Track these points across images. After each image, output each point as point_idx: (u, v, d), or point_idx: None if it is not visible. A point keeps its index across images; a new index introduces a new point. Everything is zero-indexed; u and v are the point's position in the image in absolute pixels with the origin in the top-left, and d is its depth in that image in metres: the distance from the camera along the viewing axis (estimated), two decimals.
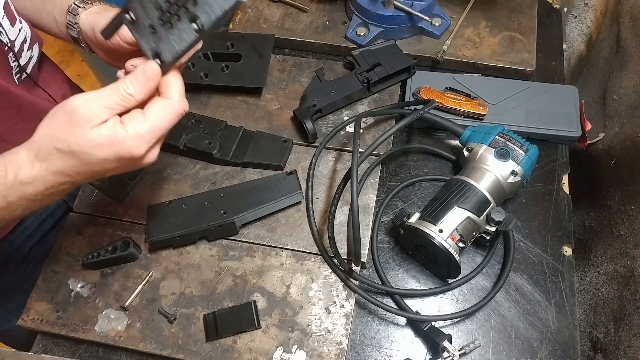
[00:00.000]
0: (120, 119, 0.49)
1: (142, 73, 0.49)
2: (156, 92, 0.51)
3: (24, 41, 0.70)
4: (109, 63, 0.66)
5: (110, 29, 0.55)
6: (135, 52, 0.57)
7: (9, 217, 0.53)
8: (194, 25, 0.49)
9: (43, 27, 0.72)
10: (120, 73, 0.53)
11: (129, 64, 0.52)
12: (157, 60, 0.51)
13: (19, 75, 0.70)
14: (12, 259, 0.81)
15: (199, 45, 0.52)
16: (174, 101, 0.50)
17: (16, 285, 0.83)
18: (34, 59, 0.73)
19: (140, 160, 0.50)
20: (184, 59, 0.53)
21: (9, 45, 0.66)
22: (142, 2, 0.51)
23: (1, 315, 0.87)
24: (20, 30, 0.68)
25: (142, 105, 0.50)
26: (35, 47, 0.73)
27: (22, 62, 0.70)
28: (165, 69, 0.51)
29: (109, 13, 0.60)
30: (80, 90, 0.95)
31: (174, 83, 0.51)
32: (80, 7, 0.64)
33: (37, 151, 0.49)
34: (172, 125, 0.51)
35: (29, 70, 0.72)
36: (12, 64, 0.68)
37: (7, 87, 0.67)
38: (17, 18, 0.68)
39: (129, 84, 0.49)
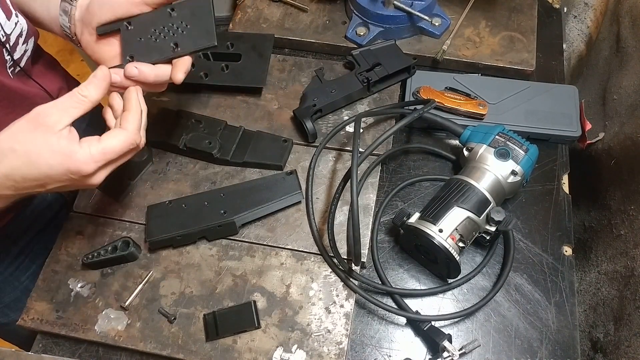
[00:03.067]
0: (79, 139, 0.53)
1: (93, 76, 0.55)
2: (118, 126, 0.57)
3: (20, 35, 0.69)
4: (87, 49, 0.67)
5: (106, 29, 0.63)
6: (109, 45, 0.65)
7: None
8: (172, 47, 0.61)
9: (33, 12, 0.72)
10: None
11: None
12: (129, 59, 0.62)
13: (12, 68, 0.70)
14: (8, 252, 0.81)
15: (168, 71, 0.61)
16: (128, 132, 0.55)
17: (12, 278, 0.83)
18: (29, 53, 0.73)
19: (86, 178, 0.54)
20: (148, 76, 0.60)
21: (4, 39, 0.66)
22: (144, 20, 0.62)
23: None
24: (16, 24, 0.68)
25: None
26: (31, 41, 0.73)
27: (16, 56, 0.70)
28: (129, 64, 0.60)
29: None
30: (78, 84, 0.95)
31: (132, 117, 0.56)
32: None
33: None
34: (124, 154, 0.55)
35: (22, 63, 0.72)
36: (7, 58, 0.67)
37: (0, 80, 0.67)
38: (13, 12, 0.68)
39: (83, 88, 0.54)
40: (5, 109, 0.70)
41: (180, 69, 0.60)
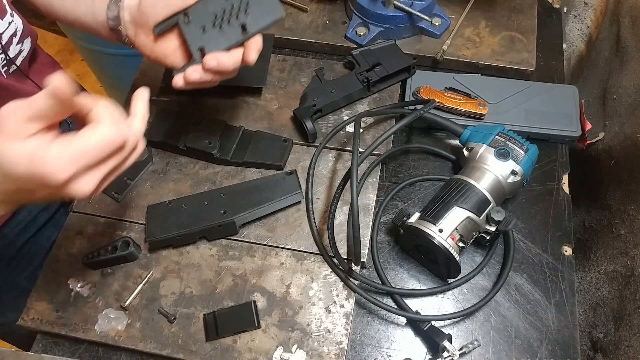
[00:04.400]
0: (49, 140, 0.44)
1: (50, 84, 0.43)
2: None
3: (14, 34, 0.69)
4: (145, 50, 0.64)
5: (164, 27, 0.61)
6: (174, 39, 0.62)
7: None
8: (240, 29, 0.59)
9: (78, 19, 0.70)
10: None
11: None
12: (200, 53, 0.60)
13: (6, 68, 0.69)
14: (5, 252, 0.81)
15: (252, 53, 0.59)
16: (103, 127, 0.45)
17: (9, 279, 0.83)
18: (25, 53, 0.73)
19: (63, 187, 0.45)
20: (228, 65, 0.58)
21: None
22: (200, 8, 0.60)
23: None
24: (10, 23, 0.68)
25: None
26: (27, 41, 0.73)
27: (11, 55, 0.69)
28: (209, 56, 0.58)
29: None
30: (79, 87, 0.95)
31: (102, 112, 0.46)
32: None
33: None
34: (105, 154, 0.46)
35: (18, 63, 0.72)
36: None
37: None
38: (8, 12, 0.67)
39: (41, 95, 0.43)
40: None
41: (252, 49, 0.59)
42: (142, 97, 0.53)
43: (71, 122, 0.89)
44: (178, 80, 0.61)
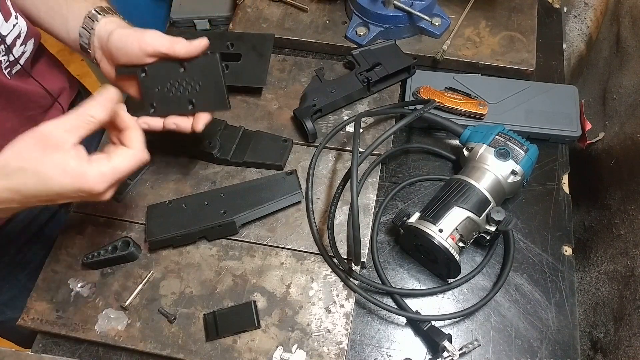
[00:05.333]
0: (88, 157, 0.53)
1: (100, 95, 0.55)
2: (120, 144, 0.58)
3: (18, 36, 0.69)
4: (106, 75, 0.70)
5: (124, 72, 0.65)
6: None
7: None
8: (188, 104, 0.65)
9: (52, 29, 0.73)
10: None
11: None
12: (152, 109, 0.66)
13: (9, 69, 0.70)
14: (7, 250, 0.82)
15: (201, 123, 0.65)
16: (136, 150, 0.57)
17: (10, 276, 0.84)
18: (27, 54, 0.73)
19: (97, 196, 0.55)
20: (170, 126, 0.65)
21: (0, 39, 0.66)
22: (158, 70, 0.64)
23: None
24: (14, 25, 0.68)
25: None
26: (30, 43, 0.73)
27: (14, 55, 0.70)
28: (151, 115, 0.65)
29: (128, 29, 0.65)
30: (81, 86, 0.95)
31: (136, 137, 0.58)
32: (100, 14, 0.67)
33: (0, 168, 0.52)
34: (132, 171, 0.57)
35: (21, 64, 0.72)
36: (2, 58, 0.68)
37: None
38: (13, 14, 0.68)
39: (90, 107, 0.54)
40: (0, 104, 0.70)
41: (201, 121, 0.65)
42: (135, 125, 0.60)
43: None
44: None
